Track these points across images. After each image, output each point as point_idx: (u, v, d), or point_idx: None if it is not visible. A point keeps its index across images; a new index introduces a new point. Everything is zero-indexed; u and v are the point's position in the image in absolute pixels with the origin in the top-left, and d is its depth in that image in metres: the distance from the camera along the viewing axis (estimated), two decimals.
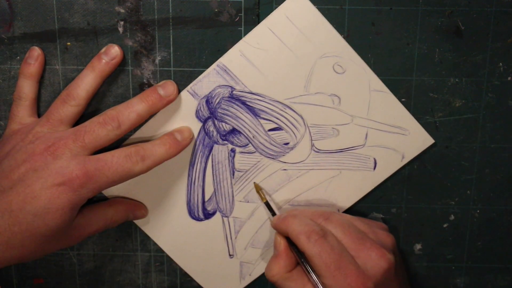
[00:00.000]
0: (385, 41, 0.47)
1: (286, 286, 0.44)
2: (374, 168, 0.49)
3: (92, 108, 0.48)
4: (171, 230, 0.51)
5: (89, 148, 0.43)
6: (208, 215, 0.50)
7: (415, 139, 0.49)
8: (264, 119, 0.48)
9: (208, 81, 0.47)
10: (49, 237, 0.42)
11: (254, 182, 0.49)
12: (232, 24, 0.46)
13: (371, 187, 0.50)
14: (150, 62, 0.47)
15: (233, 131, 0.48)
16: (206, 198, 0.50)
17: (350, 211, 0.51)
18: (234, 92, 0.47)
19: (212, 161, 0.49)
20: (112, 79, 0.47)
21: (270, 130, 0.48)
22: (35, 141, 0.43)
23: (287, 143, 0.49)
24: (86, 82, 0.45)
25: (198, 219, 0.50)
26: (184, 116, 0.47)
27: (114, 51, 0.46)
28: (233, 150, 0.48)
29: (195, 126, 0.48)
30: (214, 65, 0.47)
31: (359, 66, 0.47)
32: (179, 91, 0.47)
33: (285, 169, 0.49)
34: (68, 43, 0.47)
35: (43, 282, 0.53)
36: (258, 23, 0.46)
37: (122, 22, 0.46)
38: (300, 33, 0.46)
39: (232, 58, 0.46)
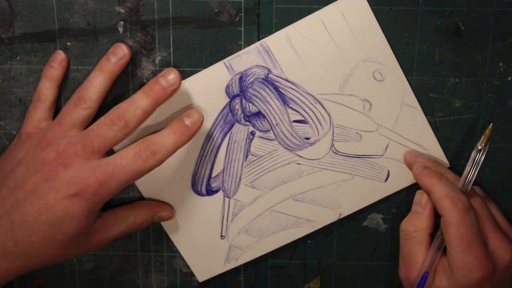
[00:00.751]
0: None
1: (420, 247, 0.45)
2: (386, 180, 0.49)
3: None
4: (169, 199, 0.50)
5: (100, 151, 0.43)
6: (210, 192, 0.50)
7: None
8: (292, 109, 0.48)
9: (247, 58, 0.46)
10: (68, 243, 0.43)
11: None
12: (232, 24, 0.46)
13: (378, 198, 0.50)
14: (150, 62, 0.47)
15: (258, 114, 0.48)
16: (213, 175, 0.49)
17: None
18: (270, 75, 0.47)
19: (229, 139, 0.48)
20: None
21: (295, 121, 0.48)
22: (45, 148, 0.43)
23: (308, 138, 0.48)
24: (96, 84, 0.45)
25: (199, 193, 0.50)
26: (214, 88, 0.47)
27: (121, 51, 0.45)
28: (252, 133, 0.48)
29: (222, 101, 0.47)
30: (257, 44, 0.46)
31: (399, 78, 0.47)
32: (182, 78, 0.46)
33: (299, 163, 0.49)
34: (68, 43, 0.47)
35: (43, 282, 0.53)
36: (258, 23, 0.46)
37: (122, 22, 0.46)
38: (350, 32, 0.46)
39: (277, 40, 0.46)
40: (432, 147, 0.49)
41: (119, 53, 0.45)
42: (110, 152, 0.45)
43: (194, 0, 0.46)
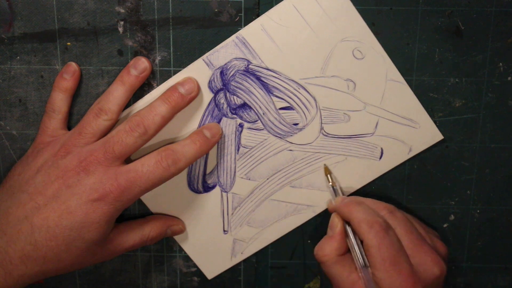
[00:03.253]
0: (385, 41, 0.47)
1: (334, 269, 0.45)
2: (380, 157, 0.49)
3: None
4: (168, 200, 0.50)
5: (120, 157, 0.43)
6: (207, 188, 0.50)
7: (424, 133, 0.49)
8: (276, 96, 0.48)
9: (225, 52, 0.46)
10: (84, 250, 0.43)
11: (325, 164, 0.49)
12: (232, 24, 0.46)
13: (375, 176, 0.50)
14: (150, 62, 0.47)
15: (244, 105, 0.48)
16: (208, 171, 0.50)
17: None
18: (250, 66, 0.47)
19: None
20: (113, 80, 0.47)
21: (281, 108, 0.48)
22: (66, 156, 0.44)
23: (296, 124, 0.48)
24: (116, 96, 0.45)
25: (196, 191, 0.50)
26: None
27: (142, 65, 0.46)
28: (241, 125, 0.48)
29: (206, 97, 0.47)
30: (233, 37, 0.46)
31: (379, 53, 0.47)
32: (199, 87, 0.47)
33: (291, 150, 0.49)
34: (68, 43, 0.47)
35: (43, 282, 0.53)
36: None
37: (122, 22, 0.46)
38: (324, 14, 0.46)
39: (252, 31, 0.46)
40: (423, 121, 0.48)
41: (140, 67, 0.46)
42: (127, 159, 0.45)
43: (194, 0, 0.46)
